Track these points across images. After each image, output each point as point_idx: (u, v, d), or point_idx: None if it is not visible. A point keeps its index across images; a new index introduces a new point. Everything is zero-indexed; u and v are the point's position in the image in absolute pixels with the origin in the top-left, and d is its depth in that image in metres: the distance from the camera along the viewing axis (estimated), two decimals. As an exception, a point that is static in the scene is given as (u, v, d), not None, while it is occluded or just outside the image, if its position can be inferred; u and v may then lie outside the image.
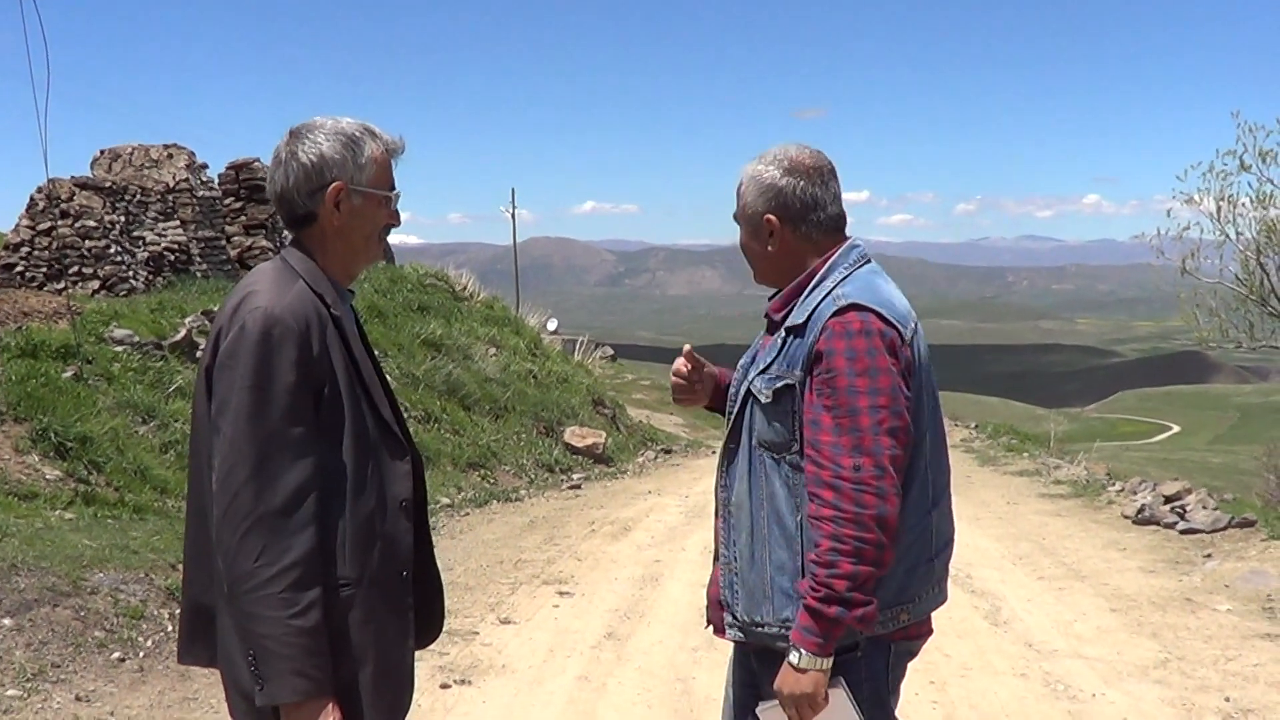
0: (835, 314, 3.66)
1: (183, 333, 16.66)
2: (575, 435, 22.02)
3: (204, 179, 24.02)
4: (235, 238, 24.85)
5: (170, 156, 23.57)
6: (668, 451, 25.38)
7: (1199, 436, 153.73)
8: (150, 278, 21.25)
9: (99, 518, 11.03)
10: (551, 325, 36.70)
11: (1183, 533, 13.65)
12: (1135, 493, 16.76)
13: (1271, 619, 10.13)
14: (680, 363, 4.22)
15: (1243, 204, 18.57)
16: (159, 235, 21.88)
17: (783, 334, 3.79)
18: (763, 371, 3.81)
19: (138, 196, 21.74)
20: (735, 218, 3.99)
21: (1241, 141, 18.01)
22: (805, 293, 3.82)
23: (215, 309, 18.04)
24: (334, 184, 3.58)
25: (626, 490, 19.04)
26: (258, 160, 25.81)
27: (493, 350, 24.96)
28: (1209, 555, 12.55)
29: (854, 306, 3.67)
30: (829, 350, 3.63)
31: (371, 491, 3.53)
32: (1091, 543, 13.72)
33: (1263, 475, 32.23)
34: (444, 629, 4.22)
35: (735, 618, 3.89)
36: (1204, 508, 14.32)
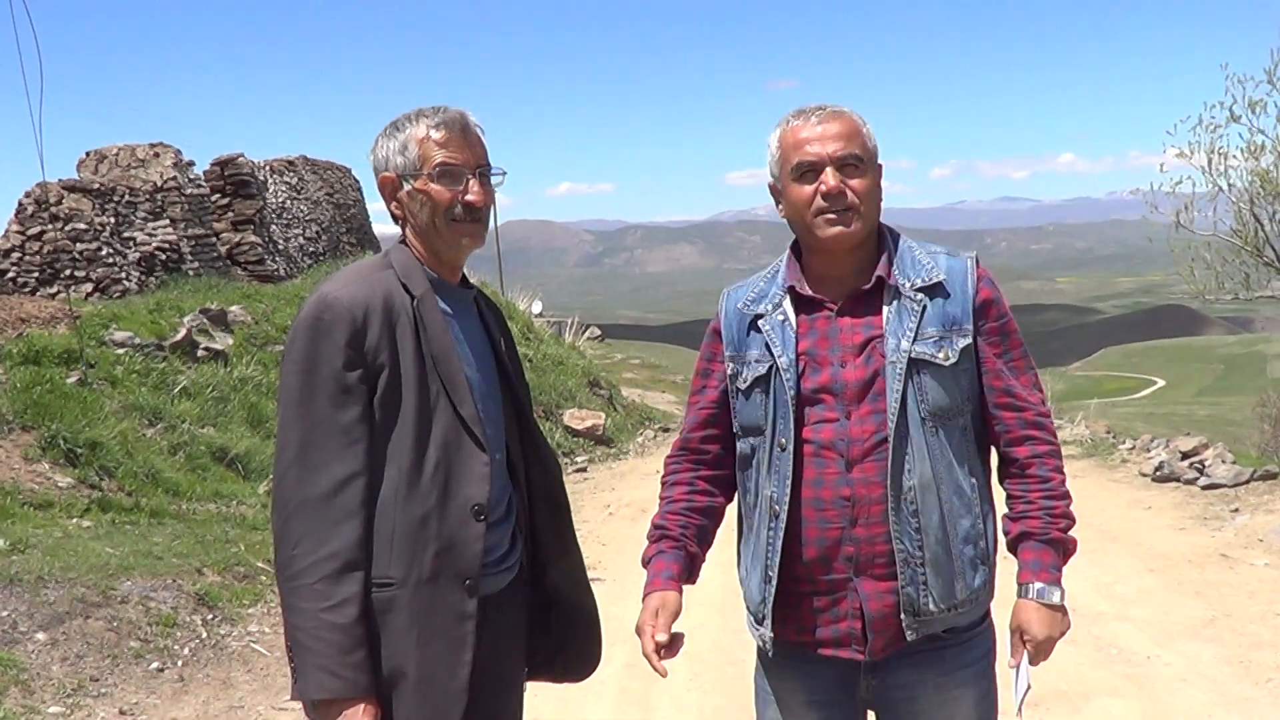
0: (976, 265, 3.67)
1: (183, 332, 16.49)
2: (575, 418, 21.91)
3: (191, 176, 23.84)
4: (224, 234, 24.69)
5: (157, 155, 23.38)
6: (666, 430, 25.15)
7: (1184, 390, 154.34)
8: (143, 278, 21.08)
9: (117, 524, 10.87)
10: (536, 308, 36.49)
11: (1205, 488, 13.61)
12: (1149, 450, 16.71)
13: (1311, 571, 10.06)
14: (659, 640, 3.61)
15: (1234, 155, 18.50)
16: (149, 235, 21.70)
17: (916, 296, 3.56)
18: (917, 338, 3.54)
19: (126, 197, 21.54)
20: (841, 155, 3.57)
21: (1231, 93, 17.93)
22: (897, 256, 3.66)
23: (212, 307, 17.96)
24: (381, 177, 3.57)
25: (634, 471, 18.91)
26: (242, 155, 25.63)
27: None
28: (1236, 510, 12.48)
29: (977, 258, 3.70)
30: (995, 298, 3.65)
31: (432, 490, 3.38)
32: (1115, 502, 13.62)
33: (1259, 426, 32.20)
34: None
35: (923, 612, 3.54)
36: (1223, 462, 14.27)
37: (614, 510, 14.83)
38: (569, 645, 3.93)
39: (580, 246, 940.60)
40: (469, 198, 3.53)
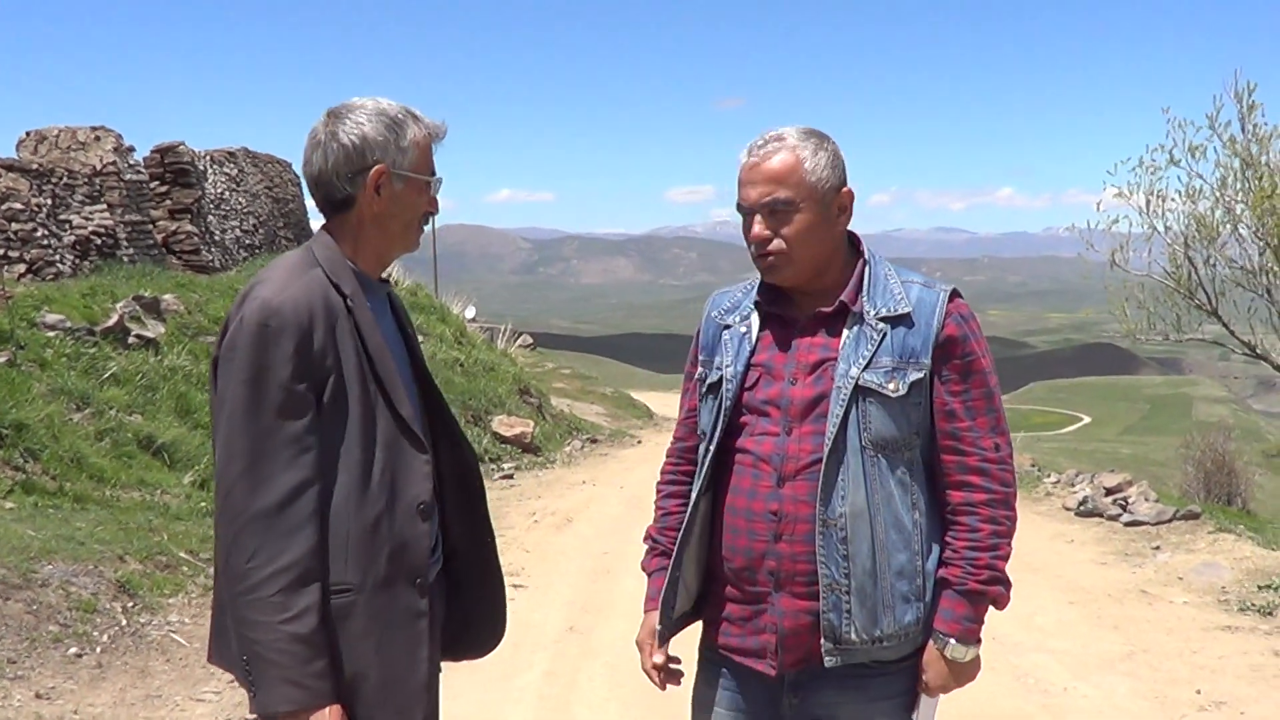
0: (950, 299, 3.62)
1: (115, 318, 16.35)
2: (503, 424, 21.84)
3: (131, 162, 23.63)
4: (160, 222, 24.52)
5: (98, 139, 23.17)
6: (594, 441, 25.18)
7: (1109, 427, 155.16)
8: (77, 262, 20.90)
9: (40, 507, 10.77)
10: (469, 313, 36.32)
11: (1127, 525, 13.74)
12: (1074, 485, 16.84)
13: (1228, 611, 10.20)
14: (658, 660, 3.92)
15: (1172, 198, 18.68)
16: (86, 219, 21.50)
17: (878, 325, 3.55)
18: (868, 366, 3.53)
19: (64, 179, 21.34)
20: (766, 202, 3.56)
21: (1171, 136, 18.09)
22: (870, 282, 3.64)
23: (146, 294, 17.83)
24: (376, 166, 3.44)
25: (560, 480, 18.91)
26: (183, 144, 25.48)
27: (419, 338, 24.84)
28: (1158, 548, 12.60)
29: (956, 292, 3.65)
30: (962, 335, 3.59)
31: (381, 493, 3.37)
32: (1037, 535, 13.71)
33: (1182, 467, 32.39)
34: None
35: (844, 640, 3.53)
36: (1146, 500, 14.41)
37: (539, 518, 14.82)
38: (473, 626, 3.94)
39: (517, 254, 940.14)
40: (431, 207, 3.57)
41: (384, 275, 3.73)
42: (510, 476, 18.92)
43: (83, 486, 12.00)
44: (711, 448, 3.68)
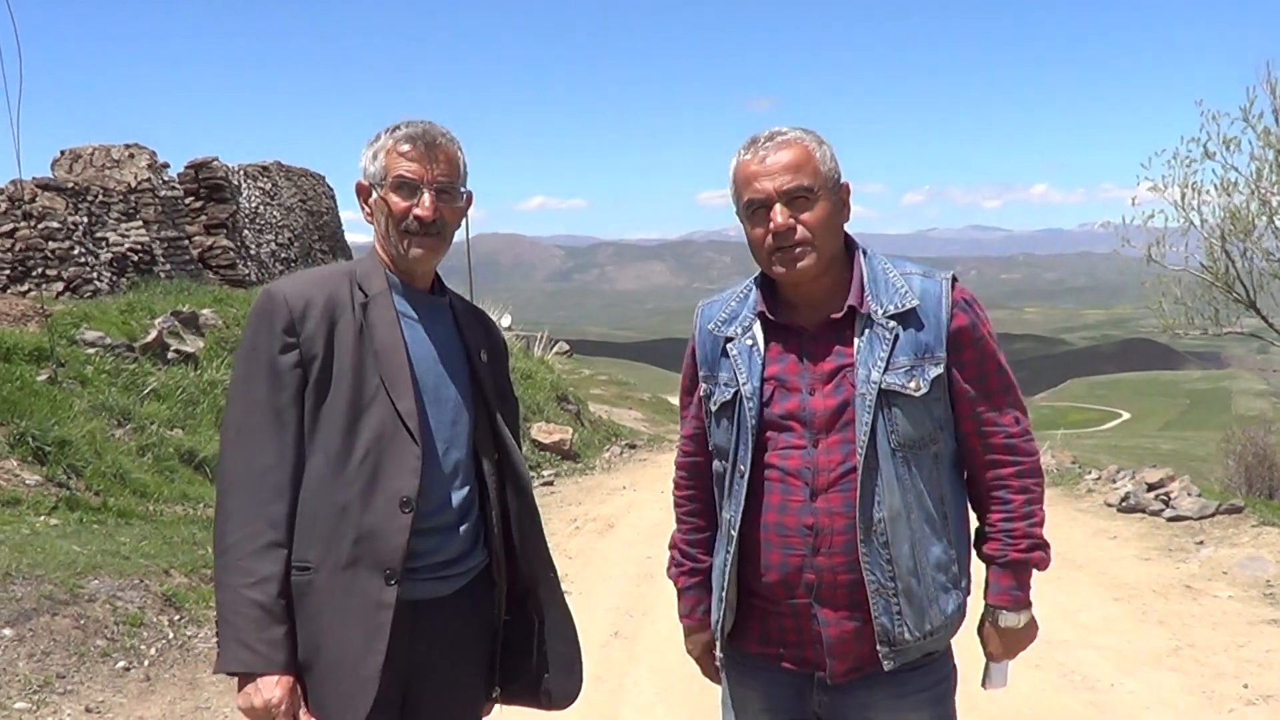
0: (952, 287, 3.61)
1: (154, 334, 16.41)
2: (542, 431, 21.85)
3: (165, 179, 23.72)
4: (196, 237, 24.60)
5: (131, 156, 23.28)
6: (632, 446, 25.10)
7: (1149, 423, 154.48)
8: (114, 279, 21.00)
9: (84, 523, 10.82)
10: (505, 321, 36.26)
11: (1170, 520, 13.63)
12: (1115, 481, 16.74)
13: (1274, 605, 10.13)
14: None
15: (1207, 191, 18.59)
16: (122, 236, 21.62)
17: (889, 325, 3.52)
18: (888, 368, 3.49)
19: (100, 197, 21.46)
20: (789, 190, 3.54)
21: (1205, 129, 18.00)
22: (870, 278, 3.62)
23: (184, 309, 17.89)
24: (357, 183, 3.77)
25: (600, 486, 18.88)
26: (216, 159, 25.55)
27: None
28: (1201, 542, 12.52)
29: (955, 278, 3.65)
30: (971, 323, 3.61)
31: (357, 479, 3.50)
32: (1080, 531, 13.65)
33: (1223, 462, 32.26)
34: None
35: (898, 642, 3.52)
36: (1189, 495, 14.31)
37: (580, 525, 14.82)
38: (552, 674, 3.97)
39: (551, 261, 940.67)
40: (418, 211, 3.65)
41: (439, 287, 3.91)
42: (550, 483, 18.92)
43: (126, 501, 12.07)
44: (745, 469, 3.61)
